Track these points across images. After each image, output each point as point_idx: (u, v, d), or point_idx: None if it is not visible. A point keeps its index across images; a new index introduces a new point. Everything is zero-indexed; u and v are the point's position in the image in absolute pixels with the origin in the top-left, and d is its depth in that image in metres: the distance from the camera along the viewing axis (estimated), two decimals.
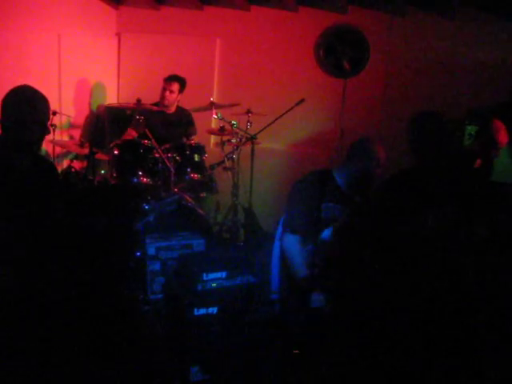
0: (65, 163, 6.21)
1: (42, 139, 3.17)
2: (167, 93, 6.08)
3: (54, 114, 5.61)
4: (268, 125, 5.67)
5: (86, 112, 6.88)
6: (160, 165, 5.26)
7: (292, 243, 3.63)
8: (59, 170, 5.78)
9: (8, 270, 2.67)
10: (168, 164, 5.20)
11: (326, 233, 3.61)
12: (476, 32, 6.21)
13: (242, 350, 3.38)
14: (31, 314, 2.64)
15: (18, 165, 3.03)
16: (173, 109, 6.23)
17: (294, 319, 3.43)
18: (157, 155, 5.26)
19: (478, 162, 4.06)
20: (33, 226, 2.85)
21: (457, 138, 4.20)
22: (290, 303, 3.62)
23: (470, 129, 5.62)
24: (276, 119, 5.63)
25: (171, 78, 6.09)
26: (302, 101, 5.63)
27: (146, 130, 5.34)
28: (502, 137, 4.27)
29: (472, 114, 5.72)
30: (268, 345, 3.36)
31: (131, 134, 5.86)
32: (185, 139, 6.03)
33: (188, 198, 5.19)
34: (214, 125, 6.61)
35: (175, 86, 6.10)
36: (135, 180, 5.18)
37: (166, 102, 6.11)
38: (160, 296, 4.23)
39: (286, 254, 3.65)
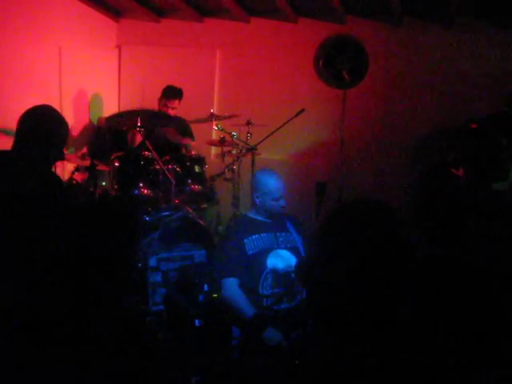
0: (66, 175, 6.23)
1: (53, 163, 3.16)
2: (169, 110, 6.13)
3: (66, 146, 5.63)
4: (268, 136, 5.68)
5: (86, 124, 6.90)
6: (161, 176, 5.28)
7: (230, 288, 3.57)
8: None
9: (10, 288, 2.68)
10: (169, 175, 5.22)
11: (272, 260, 3.65)
12: (473, 41, 6.26)
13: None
14: (33, 329, 2.65)
15: (26, 189, 3.00)
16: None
17: (253, 363, 3.35)
18: (157, 167, 5.28)
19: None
20: (37, 245, 2.85)
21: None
22: (248, 348, 3.53)
23: None
24: (276, 130, 5.65)
25: (173, 96, 6.12)
26: (302, 111, 5.64)
27: (147, 142, 5.36)
28: None
29: (470, 123, 5.76)
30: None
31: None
32: (184, 150, 6.05)
33: (189, 209, 5.20)
34: (214, 136, 6.62)
35: (177, 103, 6.15)
36: (136, 192, 5.20)
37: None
38: (161, 307, 4.24)
39: (228, 301, 3.55)
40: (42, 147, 2.99)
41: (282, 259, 3.67)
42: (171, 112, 6.15)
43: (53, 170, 3.64)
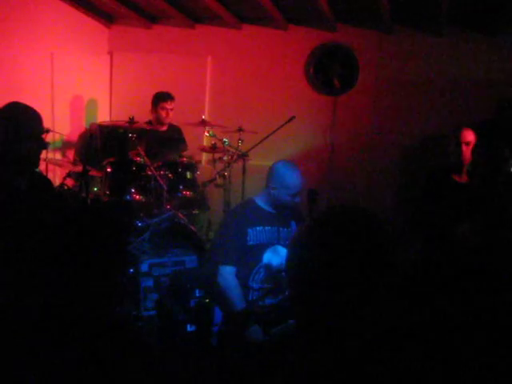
0: (57, 181, 6.23)
1: (38, 153, 3.17)
2: (169, 112, 6.12)
3: (47, 131, 5.63)
4: (259, 142, 5.72)
5: (78, 130, 6.91)
6: (152, 182, 5.30)
7: (227, 277, 3.54)
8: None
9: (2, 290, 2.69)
10: (160, 181, 5.24)
11: (268, 256, 3.65)
12: (463, 49, 6.32)
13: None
14: (20, 332, 2.65)
15: (17, 185, 3.03)
16: (165, 126, 6.27)
17: (231, 354, 3.35)
18: (149, 173, 5.29)
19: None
20: (28, 245, 2.87)
21: None
22: (228, 338, 3.53)
23: None
24: (267, 136, 5.68)
25: (170, 98, 6.13)
26: (293, 118, 5.67)
27: (139, 148, 5.38)
28: None
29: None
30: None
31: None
32: (177, 156, 6.07)
33: (180, 214, 5.23)
34: (205, 142, 6.65)
35: (172, 104, 6.15)
36: (128, 197, 5.22)
37: (166, 121, 6.17)
38: (153, 312, 4.26)
39: (222, 288, 3.53)
40: (22, 140, 3.01)
41: (278, 256, 3.66)
42: (170, 114, 6.15)
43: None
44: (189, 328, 3.41)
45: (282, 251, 3.69)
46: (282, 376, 1.57)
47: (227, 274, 3.55)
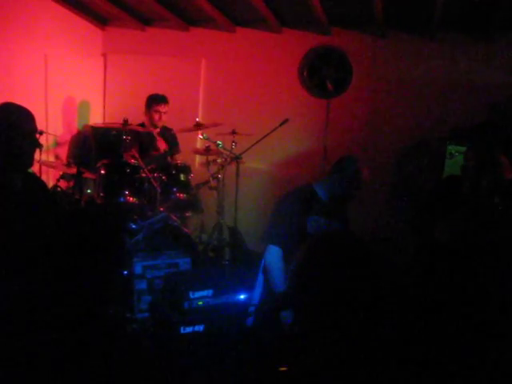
0: (51, 183, 6.23)
1: (32, 153, 3.17)
2: (162, 115, 6.10)
3: (41, 133, 5.62)
4: (253, 145, 5.73)
5: (72, 131, 6.91)
6: (146, 184, 5.30)
7: (274, 257, 3.66)
8: None
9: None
10: (154, 184, 5.25)
11: None
12: (456, 52, 6.35)
13: (229, 367, 3.41)
14: (12, 332, 2.65)
15: (11, 185, 3.03)
16: (158, 129, 6.27)
17: (265, 334, 3.43)
18: (143, 175, 5.30)
19: None
20: (21, 245, 2.86)
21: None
22: (265, 317, 3.63)
23: (451, 148, 5.73)
24: (260, 139, 5.69)
25: (163, 100, 6.11)
26: (286, 121, 5.69)
27: (133, 150, 5.38)
28: None
29: (454, 134, 5.84)
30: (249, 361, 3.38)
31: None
32: (170, 159, 6.08)
33: (174, 217, 5.23)
34: (199, 145, 6.66)
35: (167, 107, 6.14)
36: (122, 199, 5.21)
37: (159, 124, 6.16)
38: (146, 314, 4.25)
39: (267, 267, 3.68)
40: (16, 139, 3.01)
41: None
42: (163, 117, 6.14)
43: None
44: (182, 330, 3.41)
45: None
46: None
47: (274, 254, 3.65)
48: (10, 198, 2.99)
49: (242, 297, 3.58)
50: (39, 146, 3.27)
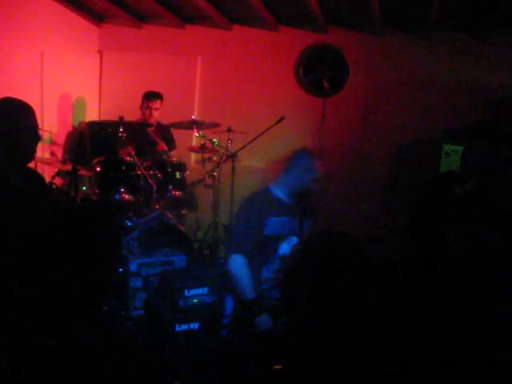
0: (46, 180, 6.22)
1: (33, 147, 3.17)
2: (153, 111, 6.12)
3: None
4: (248, 143, 5.72)
5: (67, 128, 6.90)
6: (142, 182, 5.30)
7: (239, 266, 3.61)
8: None
9: None
10: (150, 181, 5.25)
11: (285, 247, 3.68)
12: (452, 52, 6.36)
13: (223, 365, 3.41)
14: (6, 327, 2.65)
15: (10, 179, 3.03)
16: (154, 125, 6.26)
17: (241, 344, 3.40)
18: (139, 172, 5.30)
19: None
20: (20, 240, 2.86)
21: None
22: (238, 327, 3.60)
23: (447, 148, 5.74)
24: (256, 137, 5.68)
25: (155, 96, 6.13)
26: (282, 119, 5.68)
27: (129, 148, 5.38)
28: None
29: (450, 133, 5.85)
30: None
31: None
32: (165, 156, 6.07)
33: (169, 214, 5.23)
34: (194, 142, 6.65)
35: (159, 104, 6.15)
36: (117, 197, 5.22)
37: (153, 120, 6.16)
38: (141, 312, 4.26)
39: (234, 277, 3.61)
40: (18, 133, 3.01)
41: None
42: (154, 113, 6.15)
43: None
44: (177, 328, 3.42)
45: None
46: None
47: (239, 263, 3.61)
48: (9, 192, 2.99)
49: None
50: (40, 139, 3.26)
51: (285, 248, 3.68)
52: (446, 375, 1.72)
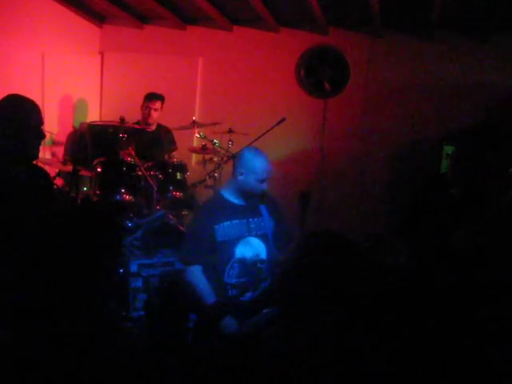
0: None
1: (37, 144, 3.18)
2: (152, 111, 6.12)
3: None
4: (249, 144, 5.72)
5: (68, 129, 6.89)
6: (143, 183, 5.30)
7: (195, 276, 3.53)
8: None
9: None
10: (151, 182, 5.25)
11: (241, 249, 3.61)
12: (453, 53, 6.36)
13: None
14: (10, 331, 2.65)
15: (16, 176, 3.03)
16: (153, 126, 6.26)
17: (206, 348, 3.27)
18: (139, 173, 5.30)
19: None
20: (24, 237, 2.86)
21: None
22: (203, 331, 3.54)
23: (448, 149, 5.74)
24: (257, 138, 5.67)
25: (155, 97, 6.13)
26: (283, 120, 5.67)
27: (130, 148, 5.38)
28: None
29: (450, 134, 5.85)
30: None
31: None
32: (166, 157, 6.07)
33: (170, 215, 5.23)
34: (195, 143, 6.64)
35: (159, 104, 6.15)
36: (118, 197, 5.22)
37: (152, 121, 6.16)
38: (142, 313, 4.26)
39: (192, 287, 3.52)
40: (22, 131, 3.02)
41: (251, 247, 3.62)
42: (153, 114, 6.15)
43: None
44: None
45: (255, 242, 3.65)
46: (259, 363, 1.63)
47: (193, 272, 3.53)
48: (15, 189, 2.99)
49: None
50: (44, 137, 3.27)
51: (241, 250, 3.60)
52: (446, 375, 1.72)
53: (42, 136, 3.19)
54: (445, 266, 3.18)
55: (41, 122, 3.18)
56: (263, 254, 3.63)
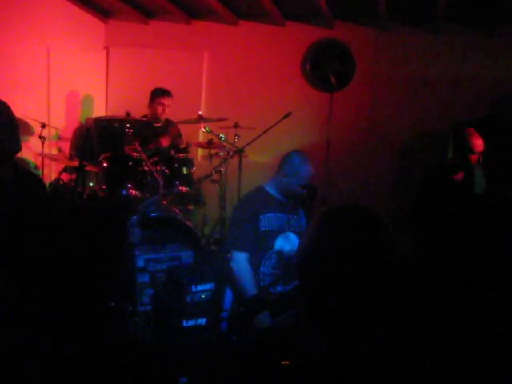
0: (53, 176, 6.23)
1: (17, 140, 3.14)
2: (162, 107, 6.12)
3: (43, 126, 5.66)
4: (255, 138, 5.70)
5: (74, 124, 6.91)
6: (149, 178, 5.29)
7: (240, 262, 3.69)
8: (47, 182, 5.80)
9: None
10: (157, 177, 5.24)
11: (280, 242, 3.74)
12: (460, 46, 6.33)
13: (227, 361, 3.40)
14: (12, 324, 2.65)
15: (2, 176, 3.00)
16: (161, 121, 6.26)
17: (240, 340, 3.38)
18: (146, 168, 5.29)
19: (461, 174, 4.09)
20: (20, 237, 2.85)
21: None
22: (238, 323, 3.61)
23: None
24: (263, 132, 5.66)
25: (166, 93, 6.13)
26: (289, 114, 5.66)
27: (136, 143, 5.37)
28: (476, 140, 4.34)
29: (457, 128, 5.82)
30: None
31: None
32: (173, 152, 6.07)
33: (176, 210, 5.22)
34: (201, 138, 6.64)
35: (170, 100, 6.15)
36: (124, 192, 5.21)
37: (162, 117, 6.17)
38: (149, 308, 4.25)
39: (234, 274, 3.68)
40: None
41: (289, 242, 3.78)
42: (166, 109, 6.16)
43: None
44: (185, 323, 3.41)
45: (293, 237, 3.81)
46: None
47: (240, 259, 3.70)
48: (3, 190, 2.96)
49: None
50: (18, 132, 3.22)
51: (280, 243, 3.77)
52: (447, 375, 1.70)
53: (17, 133, 3.14)
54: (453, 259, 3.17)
55: (14, 118, 3.13)
56: None
